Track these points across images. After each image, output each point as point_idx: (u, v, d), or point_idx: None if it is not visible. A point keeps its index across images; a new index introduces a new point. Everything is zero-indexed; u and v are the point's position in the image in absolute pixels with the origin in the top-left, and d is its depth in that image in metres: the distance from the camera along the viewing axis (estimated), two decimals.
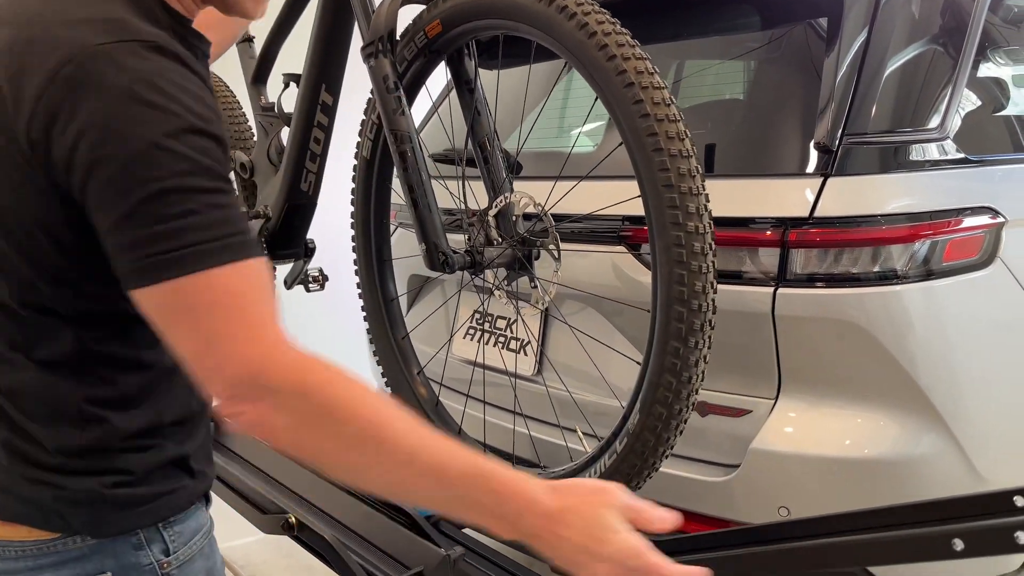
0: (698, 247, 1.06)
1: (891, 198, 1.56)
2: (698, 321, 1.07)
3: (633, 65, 1.08)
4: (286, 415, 0.81)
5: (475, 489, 0.84)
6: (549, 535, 0.84)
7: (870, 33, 1.67)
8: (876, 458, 1.53)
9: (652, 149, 1.06)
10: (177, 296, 0.80)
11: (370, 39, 1.40)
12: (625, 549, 0.83)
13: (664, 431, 1.13)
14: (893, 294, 1.52)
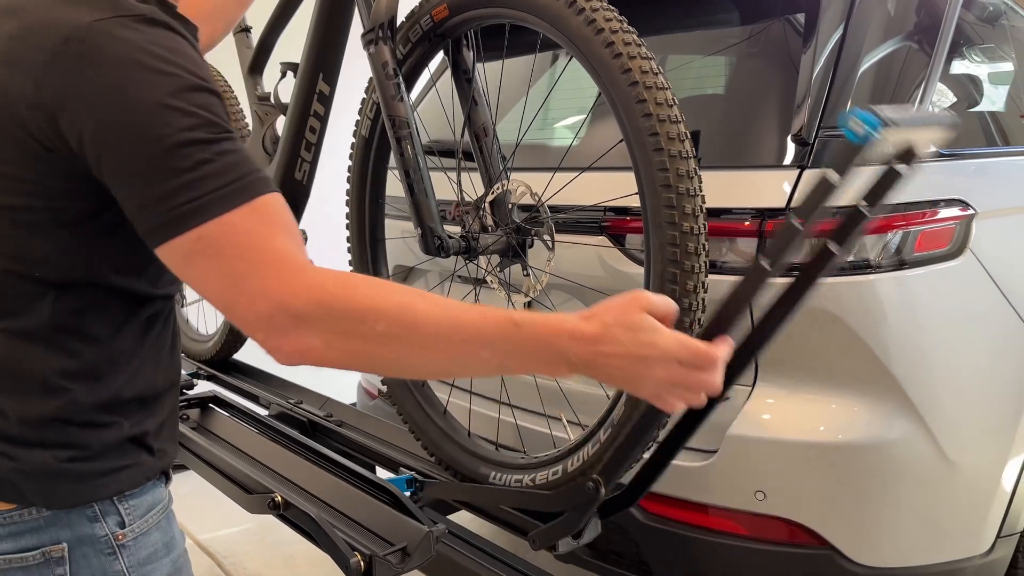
0: (692, 247, 1.08)
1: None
2: (687, 320, 1.09)
3: (638, 64, 1.10)
4: (320, 334, 0.85)
5: (517, 339, 0.88)
6: (600, 358, 0.88)
7: (846, 29, 1.71)
8: (850, 443, 1.56)
9: (653, 149, 1.08)
10: (202, 242, 0.84)
11: (371, 26, 1.42)
12: (672, 346, 0.88)
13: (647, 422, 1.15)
14: (866, 284, 1.55)
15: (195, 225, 0.83)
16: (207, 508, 3.24)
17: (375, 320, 0.86)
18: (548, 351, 0.88)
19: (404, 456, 1.64)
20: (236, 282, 0.85)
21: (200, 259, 0.85)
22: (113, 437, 0.97)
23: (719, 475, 1.63)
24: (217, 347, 2.27)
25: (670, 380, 0.90)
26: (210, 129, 0.85)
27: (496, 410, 1.96)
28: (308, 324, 0.84)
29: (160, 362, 1.02)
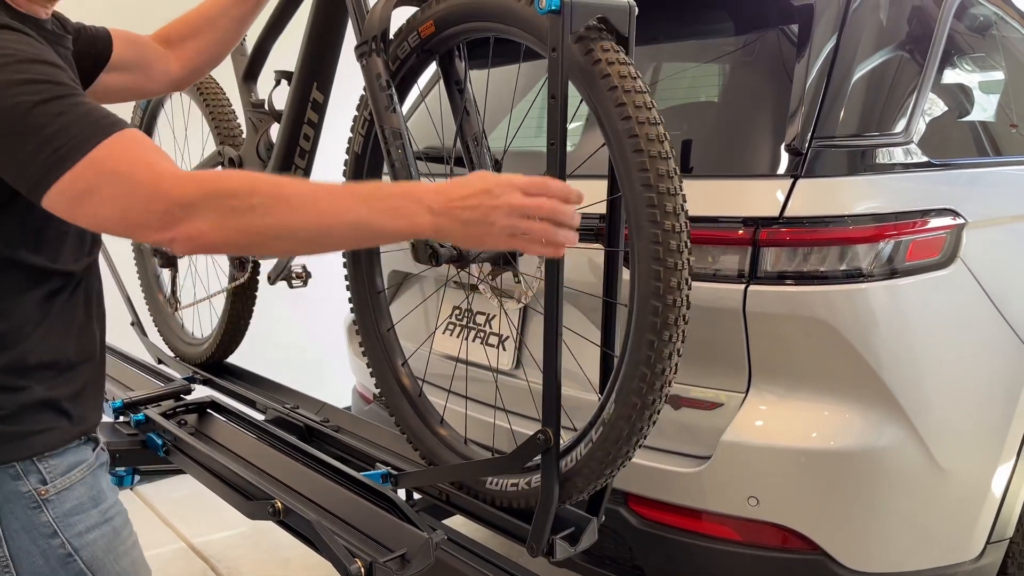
0: (674, 245, 1.10)
1: (858, 199, 1.61)
2: (672, 316, 1.11)
3: (617, 70, 1.11)
4: (205, 218, 0.95)
5: (382, 191, 1.00)
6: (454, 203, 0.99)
7: (839, 40, 1.73)
8: (841, 449, 1.58)
9: (632, 150, 1.10)
10: (80, 180, 0.94)
11: (364, 38, 1.44)
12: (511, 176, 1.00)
13: (638, 421, 1.17)
14: (858, 292, 1.57)
15: (69, 167, 0.93)
16: (201, 512, 3.25)
17: (250, 194, 0.96)
18: (409, 200, 0.98)
19: (400, 461, 1.65)
20: (123, 198, 0.95)
21: (85, 196, 0.95)
22: (25, 400, 1.08)
23: (713, 481, 1.65)
24: (211, 350, 2.27)
25: (518, 210, 0.99)
26: (57, 89, 0.96)
27: (492, 415, 1.98)
28: (194, 210, 0.95)
29: (70, 334, 1.13)
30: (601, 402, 1.24)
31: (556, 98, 1.11)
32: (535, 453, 1.23)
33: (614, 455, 1.19)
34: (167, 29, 1.56)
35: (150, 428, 1.76)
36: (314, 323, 4.09)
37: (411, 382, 1.62)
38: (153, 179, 0.95)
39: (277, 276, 2.01)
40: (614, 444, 1.19)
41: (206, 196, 0.95)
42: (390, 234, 1.01)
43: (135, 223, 0.96)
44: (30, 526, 1.08)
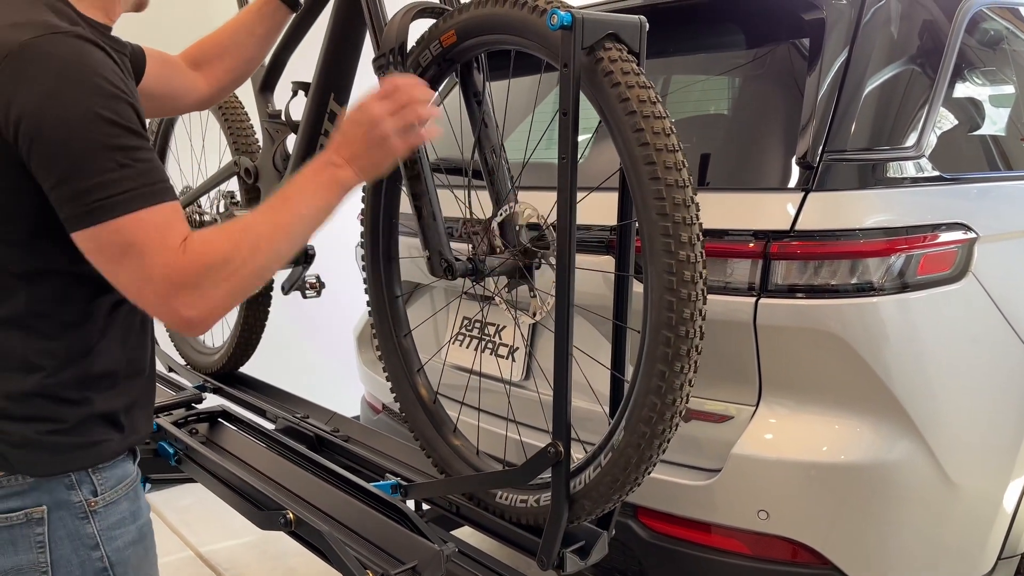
0: (688, 275, 1.08)
1: (869, 213, 1.61)
2: (685, 347, 1.10)
3: (636, 94, 1.10)
4: (217, 287, 1.04)
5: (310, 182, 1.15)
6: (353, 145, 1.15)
7: (850, 53, 1.73)
8: (852, 463, 1.58)
9: (649, 177, 1.08)
10: (116, 234, 0.99)
11: (382, 51, 1.44)
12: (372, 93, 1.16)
13: (647, 449, 1.16)
14: (870, 306, 1.57)
15: (112, 217, 0.98)
16: (209, 520, 3.25)
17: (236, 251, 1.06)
18: (328, 170, 1.15)
19: (409, 471, 1.66)
20: (142, 267, 1.01)
21: (112, 247, 1.01)
22: (86, 412, 1.12)
23: (722, 494, 1.65)
24: (224, 359, 2.28)
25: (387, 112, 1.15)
26: (129, 136, 1.00)
27: (501, 426, 1.98)
28: (202, 290, 1.03)
29: (128, 345, 1.17)
30: (611, 427, 1.23)
31: (568, 114, 1.12)
32: (545, 466, 1.23)
33: (623, 481, 1.19)
34: (194, 50, 1.62)
35: (162, 437, 1.77)
36: (324, 333, 4.10)
37: (426, 390, 1.62)
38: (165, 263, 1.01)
39: (291, 286, 2.02)
40: (623, 471, 1.18)
41: (203, 273, 1.03)
42: (333, 203, 1.17)
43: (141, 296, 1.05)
44: (75, 535, 1.11)
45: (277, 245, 1.11)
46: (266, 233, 1.10)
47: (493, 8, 1.26)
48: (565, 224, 1.15)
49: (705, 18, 1.99)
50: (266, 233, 1.10)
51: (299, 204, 1.13)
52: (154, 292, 1.02)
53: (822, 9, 1.77)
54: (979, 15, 1.98)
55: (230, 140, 2.13)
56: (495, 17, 1.26)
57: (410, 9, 1.45)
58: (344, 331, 3.42)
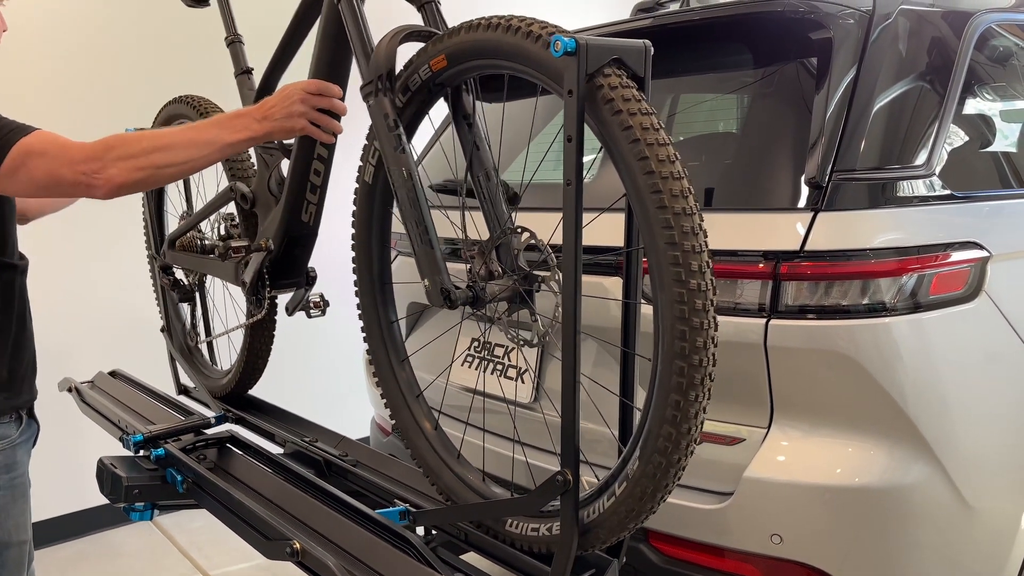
0: (700, 304, 1.06)
1: (879, 233, 1.60)
2: (699, 375, 1.08)
3: (639, 121, 1.09)
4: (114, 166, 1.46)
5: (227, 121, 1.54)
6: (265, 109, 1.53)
7: (858, 72, 1.72)
8: (866, 486, 1.56)
9: (656, 207, 1.07)
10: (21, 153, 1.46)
11: (369, 77, 1.42)
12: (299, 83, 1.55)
13: (662, 479, 1.14)
14: (882, 326, 1.55)
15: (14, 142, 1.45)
16: (219, 543, 3.24)
17: (138, 142, 1.49)
18: (244, 119, 1.53)
19: (418, 496, 1.64)
20: (54, 164, 1.46)
21: (24, 165, 1.46)
22: None
23: (735, 517, 1.63)
24: (233, 382, 2.28)
25: (307, 102, 1.53)
26: None
27: (510, 449, 1.96)
28: (104, 161, 1.45)
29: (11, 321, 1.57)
30: (624, 456, 1.21)
31: (572, 140, 1.11)
32: (554, 494, 1.21)
33: (638, 511, 1.17)
34: None
35: (170, 463, 1.76)
36: (333, 353, 4.10)
37: (427, 417, 1.60)
38: (71, 148, 1.46)
39: (295, 307, 2.01)
40: (638, 501, 1.16)
41: (109, 149, 1.46)
42: (238, 143, 1.54)
43: (65, 182, 1.46)
44: None
45: (176, 151, 1.49)
46: (170, 138, 1.50)
47: (485, 33, 1.25)
48: (571, 249, 1.14)
49: (713, 38, 1.98)
50: (170, 138, 1.50)
51: (209, 131, 1.52)
52: (69, 169, 1.45)
53: (829, 28, 1.76)
54: (988, 32, 1.97)
55: (225, 166, 2.13)
56: (488, 42, 1.25)
57: (397, 33, 1.43)
58: (353, 351, 3.42)
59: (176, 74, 3.66)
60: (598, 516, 1.21)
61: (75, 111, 3.42)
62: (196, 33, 3.63)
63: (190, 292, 2.43)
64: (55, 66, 3.40)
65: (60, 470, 3.50)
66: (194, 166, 1.51)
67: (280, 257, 1.90)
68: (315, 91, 1.53)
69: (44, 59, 3.36)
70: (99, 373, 2.53)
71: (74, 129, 2.76)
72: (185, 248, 2.28)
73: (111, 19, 3.54)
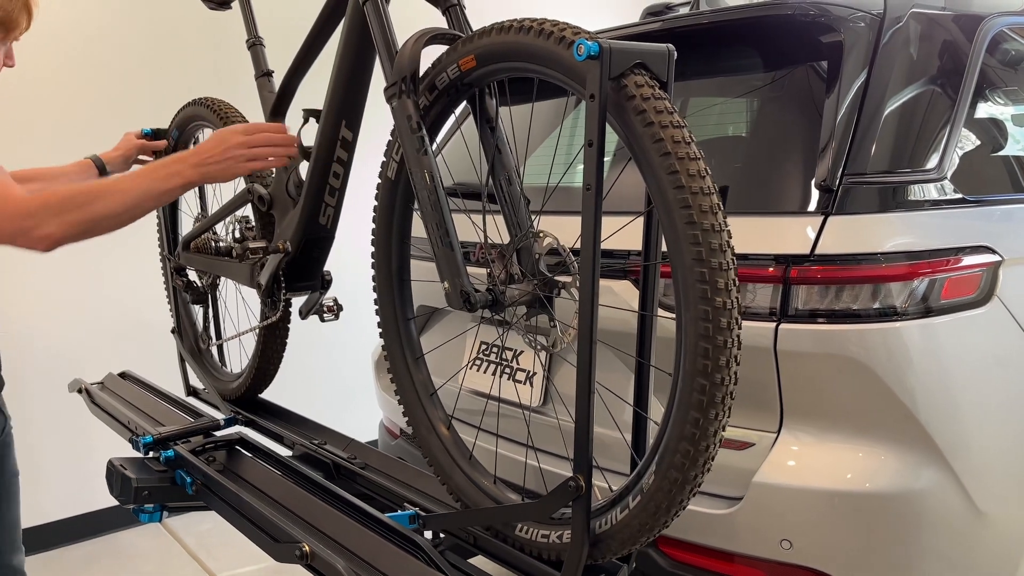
0: (724, 322, 1.05)
1: (890, 237, 1.59)
2: (720, 394, 1.07)
3: (671, 134, 1.07)
4: (50, 222, 1.46)
5: (159, 169, 1.55)
6: (200, 154, 1.57)
7: (869, 75, 1.72)
8: (877, 492, 1.55)
9: (685, 222, 1.05)
10: None
11: (393, 79, 1.41)
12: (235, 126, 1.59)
13: (677, 495, 1.13)
14: (893, 331, 1.54)
15: None
16: (228, 545, 3.25)
17: (73, 196, 1.48)
18: (177, 165, 1.56)
19: (427, 500, 1.64)
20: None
21: None
22: None
23: (744, 523, 1.62)
24: (244, 386, 2.28)
25: (244, 144, 1.59)
26: None
27: (518, 452, 1.96)
28: (39, 219, 1.45)
29: None
30: (638, 469, 1.21)
31: (594, 144, 1.10)
32: (566, 500, 1.21)
33: (651, 525, 1.16)
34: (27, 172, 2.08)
35: (179, 465, 1.77)
36: (339, 355, 4.10)
37: (441, 416, 1.60)
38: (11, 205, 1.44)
39: (308, 311, 2.02)
40: (652, 515, 1.15)
41: (45, 207, 1.46)
42: (172, 191, 1.57)
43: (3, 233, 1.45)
44: None
45: (112, 204, 1.50)
46: (104, 192, 1.51)
47: (516, 36, 1.24)
48: (589, 255, 1.13)
49: (722, 42, 1.98)
50: (104, 192, 1.51)
51: (141, 181, 1.54)
52: (8, 223, 1.44)
53: (840, 32, 1.75)
54: (1000, 35, 1.96)
55: None
56: (518, 45, 1.24)
57: (422, 35, 1.42)
58: (362, 354, 3.43)
59: (194, 76, 3.68)
60: (610, 527, 1.21)
61: (92, 113, 3.43)
62: (216, 35, 3.65)
63: (203, 294, 2.43)
64: (73, 68, 3.41)
65: (69, 472, 3.51)
66: (132, 215, 1.54)
67: (297, 259, 1.90)
68: (252, 132, 1.62)
69: (62, 61, 3.38)
70: (109, 374, 2.54)
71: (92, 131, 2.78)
72: (200, 250, 2.29)
73: (130, 21, 3.55)
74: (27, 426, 3.05)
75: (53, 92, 3.37)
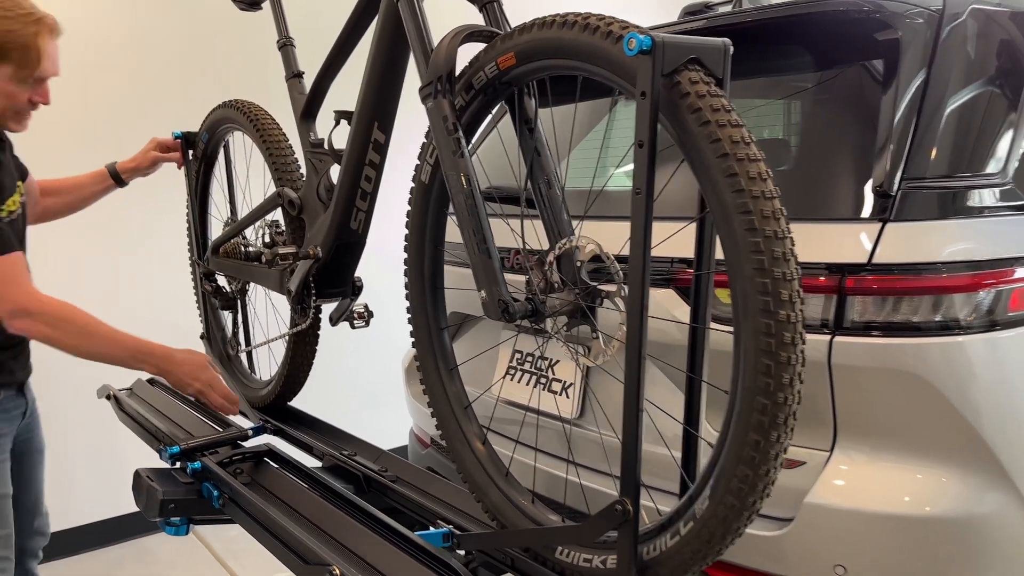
0: (788, 337, 0.97)
1: (951, 245, 1.51)
2: (782, 415, 0.99)
3: (728, 134, 1.00)
4: (44, 326, 1.82)
5: (140, 351, 1.89)
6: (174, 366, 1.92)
7: (928, 74, 1.63)
8: (937, 516, 1.46)
9: (745, 228, 0.98)
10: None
11: (428, 79, 1.36)
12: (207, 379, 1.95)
13: (734, 522, 1.05)
14: (955, 345, 1.46)
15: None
16: (255, 552, 3.20)
17: (72, 322, 1.84)
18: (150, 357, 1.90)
19: (462, 517, 1.58)
20: (4, 295, 1.80)
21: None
22: None
23: (795, 546, 1.54)
24: (274, 394, 2.24)
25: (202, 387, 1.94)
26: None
27: (553, 467, 1.89)
28: (36, 320, 1.81)
29: None
30: (691, 493, 1.13)
31: (644, 145, 1.03)
32: (611, 525, 1.14)
33: (704, 553, 1.08)
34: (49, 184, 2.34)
35: (206, 477, 1.72)
36: (370, 361, 4.06)
37: (476, 429, 1.53)
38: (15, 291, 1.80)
39: (339, 317, 1.97)
40: (705, 543, 1.07)
41: (43, 315, 1.81)
42: (133, 368, 1.91)
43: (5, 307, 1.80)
44: None
45: (89, 347, 1.85)
46: (90, 334, 1.84)
47: (560, 31, 1.17)
48: (639, 264, 1.06)
49: (769, 40, 1.90)
50: (90, 334, 1.84)
51: (120, 351, 1.87)
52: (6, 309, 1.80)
53: (897, 28, 1.67)
54: None
55: (272, 171, 2.09)
56: (561, 41, 1.17)
57: (459, 33, 1.36)
58: (391, 361, 3.38)
59: (225, 77, 3.66)
60: (659, 554, 1.13)
61: (123, 115, 3.42)
62: (247, 36, 3.63)
63: (232, 300, 2.39)
64: (103, 71, 3.40)
65: (98, 476, 3.50)
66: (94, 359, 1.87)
67: (328, 265, 1.85)
68: (217, 386, 1.96)
69: (91, 63, 3.36)
70: (138, 380, 2.51)
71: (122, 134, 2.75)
72: (229, 254, 2.25)
73: (160, 23, 3.54)
74: (57, 429, 3.04)
75: (82, 95, 3.35)
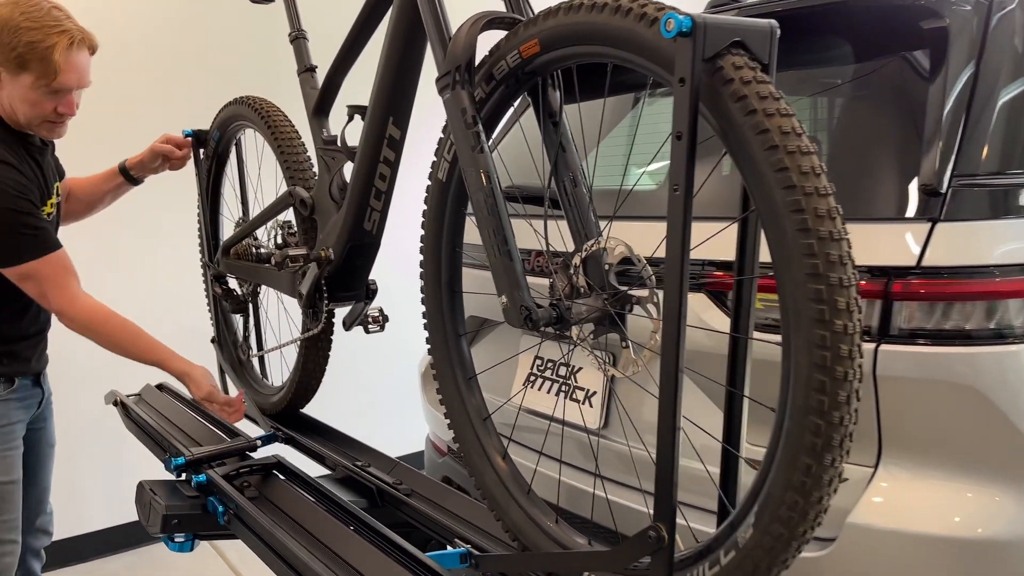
0: (845, 350, 0.87)
1: (1004, 246, 1.42)
2: (838, 436, 0.89)
3: (777, 123, 0.91)
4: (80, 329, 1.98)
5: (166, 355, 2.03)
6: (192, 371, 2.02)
7: (978, 65, 1.53)
8: (991, 539, 1.37)
9: (797, 229, 0.88)
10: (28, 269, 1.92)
11: (446, 69, 1.27)
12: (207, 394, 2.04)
13: (781, 553, 0.96)
14: (1010, 354, 1.36)
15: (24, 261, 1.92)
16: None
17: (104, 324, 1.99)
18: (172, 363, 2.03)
19: (479, 535, 1.49)
20: (45, 294, 1.95)
21: (26, 278, 1.94)
22: None
23: (838, 567, 1.45)
24: (285, 400, 2.16)
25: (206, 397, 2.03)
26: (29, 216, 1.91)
27: (580, 481, 1.80)
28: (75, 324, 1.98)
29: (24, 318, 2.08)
30: (732, 519, 1.03)
31: (683, 137, 0.93)
32: (645, 552, 1.04)
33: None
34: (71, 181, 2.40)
35: (211, 491, 1.64)
36: (383, 364, 3.99)
37: (495, 443, 1.44)
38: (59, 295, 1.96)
39: (353, 322, 1.89)
40: (749, 574, 0.98)
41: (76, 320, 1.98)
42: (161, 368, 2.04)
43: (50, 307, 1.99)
44: None
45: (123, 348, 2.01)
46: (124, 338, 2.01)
47: (588, 15, 1.08)
48: (676, 267, 0.96)
49: (805, 30, 1.79)
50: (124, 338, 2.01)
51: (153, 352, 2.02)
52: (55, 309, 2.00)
53: (945, 17, 1.57)
54: None
55: (284, 169, 2.01)
56: (590, 26, 1.08)
57: (478, 20, 1.28)
58: (405, 365, 3.30)
59: (236, 73, 3.61)
60: None
61: (134, 113, 3.37)
62: (257, 31, 3.57)
63: (243, 302, 2.32)
64: (114, 69, 3.35)
65: (108, 482, 3.45)
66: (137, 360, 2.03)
67: (340, 268, 1.77)
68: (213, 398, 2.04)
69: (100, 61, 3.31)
70: (146, 385, 2.45)
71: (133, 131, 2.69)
72: (240, 256, 2.18)
73: (171, 17, 3.49)
74: (68, 434, 2.99)
75: (93, 93, 3.30)
